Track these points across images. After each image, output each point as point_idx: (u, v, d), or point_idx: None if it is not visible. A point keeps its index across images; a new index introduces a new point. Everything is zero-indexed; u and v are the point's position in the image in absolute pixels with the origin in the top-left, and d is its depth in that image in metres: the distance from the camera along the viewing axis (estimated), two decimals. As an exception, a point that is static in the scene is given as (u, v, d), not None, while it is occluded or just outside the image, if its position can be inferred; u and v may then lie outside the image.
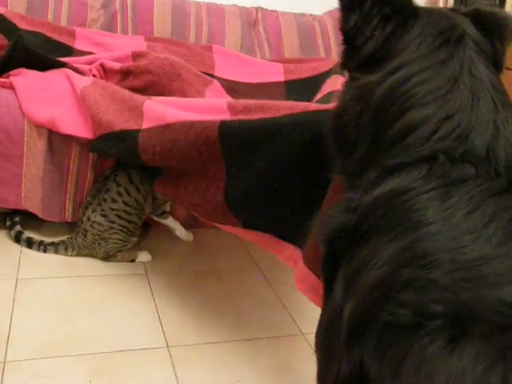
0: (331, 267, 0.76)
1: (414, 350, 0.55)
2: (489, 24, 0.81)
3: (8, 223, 1.96)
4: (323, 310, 0.80)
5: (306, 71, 2.45)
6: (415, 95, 0.73)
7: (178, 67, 1.98)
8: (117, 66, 2.00)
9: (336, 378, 0.66)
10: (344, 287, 0.69)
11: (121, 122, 1.62)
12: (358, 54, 0.83)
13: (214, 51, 2.49)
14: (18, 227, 1.94)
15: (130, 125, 1.59)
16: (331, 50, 2.83)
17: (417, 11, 0.81)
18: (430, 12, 0.82)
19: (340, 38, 0.86)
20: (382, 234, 0.66)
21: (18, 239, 1.91)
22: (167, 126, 1.44)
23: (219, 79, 2.19)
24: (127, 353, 1.44)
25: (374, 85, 0.77)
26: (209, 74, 2.22)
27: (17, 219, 1.97)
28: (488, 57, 0.79)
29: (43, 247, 1.88)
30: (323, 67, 2.43)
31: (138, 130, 1.54)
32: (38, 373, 1.33)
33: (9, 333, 1.45)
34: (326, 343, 0.73)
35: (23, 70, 1.92)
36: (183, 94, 1.95)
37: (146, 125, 1.54)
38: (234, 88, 2.26)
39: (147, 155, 1.50)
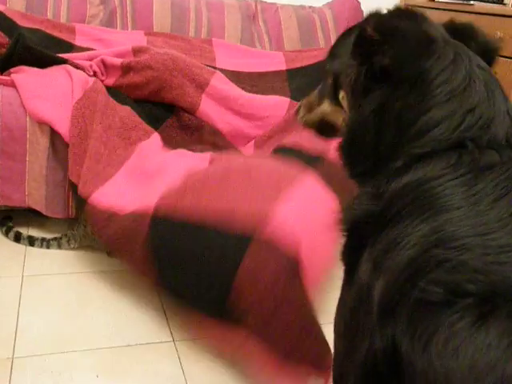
0: (354, 252, 0.79)
1: (444, 325, 0.59)
2: (461, 34, 0.84)
3: (4, 228, 1.95)
4: (345, 292, 0.82)
5: (306, 59, 2.46)
6: (436, 96, 0.76)
7: (180, 62, 1.98)
8: (118, 61, 2.00)
9: (367, 354, 0.70)
10: (371, 267, 0.72)
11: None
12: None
13: (214, 44, 2.49)
14: (14, 229, 1.94)
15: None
16: (331, 41, 2.82)
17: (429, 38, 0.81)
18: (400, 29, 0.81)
19: (339, 29, 0.86)
20: (411, 217, 0.69)
21: (18, 240, 1.91)
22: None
23: (221, 71, 2.19)
24: (134, 347, 1.45)
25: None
26: (210, 67, 2.22)
27: (10, 223, 1.98)
28: None
29: (46, 243, 1.89)
30: (324, 55, 2.42)
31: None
32: (45, 368, 1.34)
33: (16, 329, 1.47)
34: (354, 322, 0.76)
35: (24, 68, 1.93)
36: (183, 91, 1.96)
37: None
38: (236, 78, 2.26)
39: None
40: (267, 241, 1.32)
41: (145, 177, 1.69)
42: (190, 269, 1.37)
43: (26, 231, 1.98)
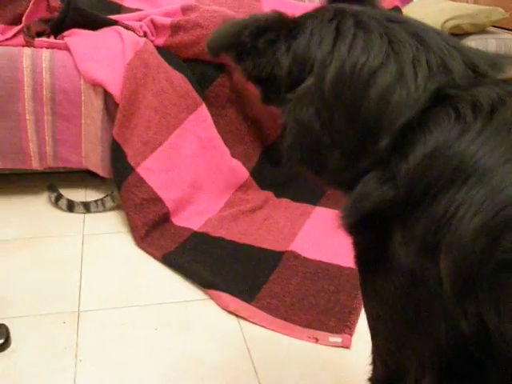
0: (373, 242, 0.71)
1: None
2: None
3: (53, 199, 1.96)
4: (376, 281, 0.74)
5: None
6: (366, 64, 0.70)
7: (229, 19, 1.94)
8: (167, 21, 1.98)
9: (448, 340, 0.62)
10: (418, 249, 0.64)
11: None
12: (276, 82, 0.80)
13: (262, 1, 2.44)
14: (65, 198, 1.94)
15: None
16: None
17: (288, 19, 0.79)
18: (310, 14, 0.79)
19: None
20: (453, 188, 0.61)
21: (71, 209, 1.93)
22: None
23: None
24: (192, 303, 1.49)
25: (312, 84, 0.74)
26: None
27: (58, 192, 1.97)
28: None
29: (101, 203, 1.95)
30: None
31: None
32: (109, 321, 1.40)
33: (80, 285, 1.53)
34: (410, 309, 0.69)
35: (76, 31, 1.95)
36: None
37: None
38: None
39: None
40: (293, 253, 1.69)
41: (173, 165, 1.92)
42: (219, 270, 1.62)
43: (83, 192, 2.05)
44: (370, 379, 0.87)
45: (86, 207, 1.93)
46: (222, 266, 1.62)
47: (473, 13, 2.32)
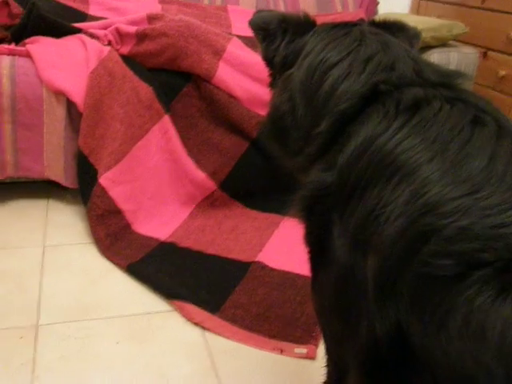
0: (319, 231, 0.74)
1: (459, 301, 0.52)
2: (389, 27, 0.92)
3: None
4: (321, 273, 0.77)
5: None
6: (329, 59, 0.81)
7: (195, 28, 1.93)
8: (132, 29, 1.96)
9: (368, 337, 0.64)
10: (350, 244, 0.66)
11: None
12: (275, 66, 0.95)
13: (229, 11, 2.45)
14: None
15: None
16: (348, 6, 2.75)
17: (310, 22, 0.94)
18: (326, 24, 0.93)
19: None
20: (380, 183, 0.64)
21: None
22: None
23: (238, 37, 2.15)
24: (155, 315, 1.46)
25: (292, 73, 0.87)
26: (227, 33, 2.18)
27: None
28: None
29: None
30: (340, 19, 2.37)
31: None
32: (68, 335, 1.35)
33: (39, 298, 1.48)
34: (343, 305, 0.71)
35: (39, 38, 1.92)
36: (199, 57, 1.92)
37: None
38: (254, 44, 2.21)
39: None
40: (260, 264, 1.67)
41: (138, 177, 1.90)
42: (186, 281, 1.59)
43: (46, 202, 2.00)
44: (325, 383, 0.87)
45: None
46: (188, 277, 1.60)
47: (435, 27, 2.37)
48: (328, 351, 0.84)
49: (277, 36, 0.94)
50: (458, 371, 0.52)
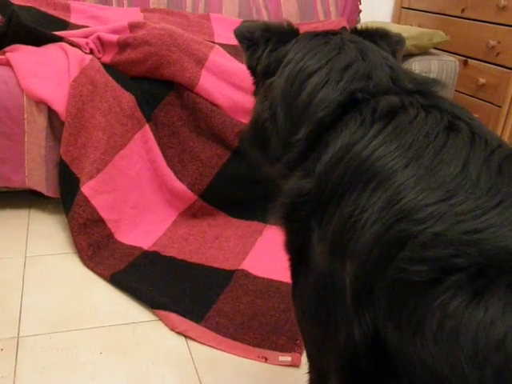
0: (299, 238, 0.75)
1: (434, 306, 0.53)
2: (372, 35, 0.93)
3: None
4: (301, 280, 0.77)
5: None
6: (308, 67, 0.82)
7: (177, 37, 1.93)
8: (114, 38, 1.96)
9: (346, 343, 0.64)
10: (329, 251, 0.67)
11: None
12: (258, 74, 0.96)
13: (212, 19, 2.45)
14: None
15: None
16: (330, 14, 2.77)
17: (293, 31, 0.96)
18: (308, 32, 0.94)
19: (339, 2, 0.97)
20: (357, 189, 0.65)
21: None
22: None
23: (221, 45, 2.15)
24: (139, 324, 1.45)
25: (274, 81, 0.89)
26: (210, 42, 2.18)
27: None
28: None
29: None
30: (323, 27, 2.39)
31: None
32: (50, 347, 1.34)
33: (20, 309, 1.46)
34: (322, 312, 0.71)
35: (19, 46, 1.90)
36: (182, 66, 1.92)
37: None
38: (237, 52, 2.22)
39: None
40: (244, 272, 1.66)
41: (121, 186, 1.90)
42: (169, 290, 1.57)
43: (27, 212, 1.97)
44: None
45: None
46: (172, 286, 1.59)
47: (416, 35, 2.40)
48: (309, 357, 0.84)
49: (260, 45, 0.95)
50: (433, 375, 0.52)
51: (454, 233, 0.56)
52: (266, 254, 1.78)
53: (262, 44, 0.95)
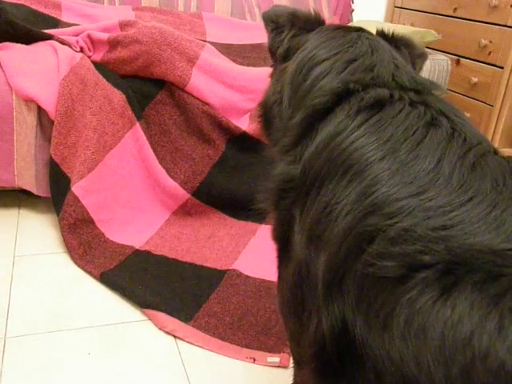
0: (283, 227, 0.75)
1: (402, 303, 0.53)
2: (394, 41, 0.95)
3: None
4: (283, 269, 0.78)
5: None
6: (318, 56, 0.84)
7: (168, 35, 1.92)
8: (104, 36, 1.94)
9: (316, 333, 0.64)
10: (306, 240, 0.67)
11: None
12: (277, 57, 0.98)
13: (203, 18, 2.44)
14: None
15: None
16: (323, 12, 2.77)
17: (319, 21, 0.98)
18: (332, 24, 0.97)
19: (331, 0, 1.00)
20: (335, 179, 0.65)
21: None
22: None
23: (212, 44, 2.14)
24: (128, 324, 1.44)
25: (288, 65, 0.91)
26: (201, 41, 2.17)
27: None
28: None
29: None
30: None
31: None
32: (38, 347, 1.32)
33: (8, 309, 1.45)
34: (297, 300, 0.71)
35: (8, 44, 1.88)
36: (173, 65, 1.91)
37: None
38: (228, 51, 2.21)
39: None
40: (235, 272, 1.66)
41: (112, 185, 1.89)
42: (160, 289, 1.57)
43: (17, 211, 1.96)
44: None
45: None
46: (163, 285, 1.58)
47: (408, 34, 2.40)
48: (290, 350, 0.84)
49: (284, 29, 0.97)
50: (400, 372, 0.52)
51: (422, 228, 0.55)
52: (259, 255, 1.77)
53: (287, 28, 0.97)
